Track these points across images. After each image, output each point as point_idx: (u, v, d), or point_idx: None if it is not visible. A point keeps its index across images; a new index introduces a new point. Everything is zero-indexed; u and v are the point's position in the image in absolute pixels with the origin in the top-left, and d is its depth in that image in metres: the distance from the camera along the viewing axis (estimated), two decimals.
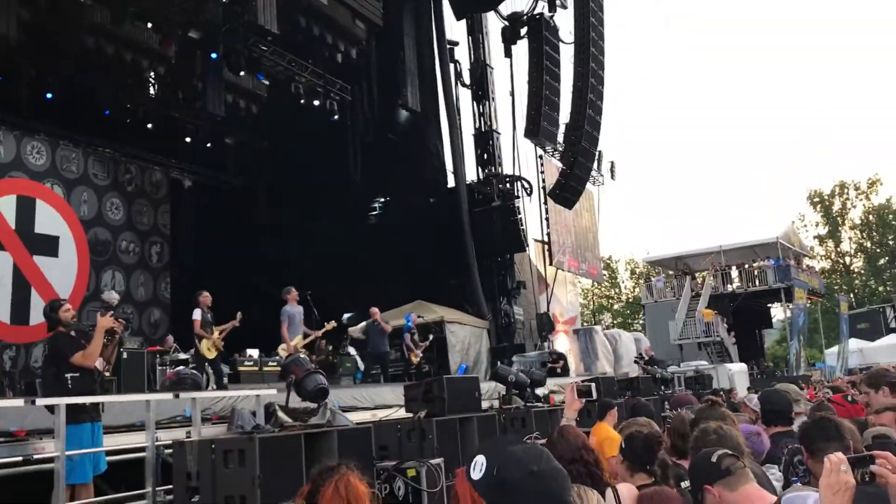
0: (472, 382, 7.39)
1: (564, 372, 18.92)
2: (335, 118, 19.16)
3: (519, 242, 20.98)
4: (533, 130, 19.96)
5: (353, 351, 15.91)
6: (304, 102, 18.15)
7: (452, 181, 20.70)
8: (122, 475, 6.76)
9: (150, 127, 18.69)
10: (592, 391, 4.63)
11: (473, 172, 21.50)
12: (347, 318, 16.72)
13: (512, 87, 21.64)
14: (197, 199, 21.15)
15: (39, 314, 10.03)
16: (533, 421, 7.35)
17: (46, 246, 15.95)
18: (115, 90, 17.48)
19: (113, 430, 6.92)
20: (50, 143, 16.74)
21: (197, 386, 9.50)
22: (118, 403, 7.33)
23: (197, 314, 11.30)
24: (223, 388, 10.90)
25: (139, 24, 15.57)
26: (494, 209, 20.66)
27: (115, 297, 11.62)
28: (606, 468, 3.49)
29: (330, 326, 13.31)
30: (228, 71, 16.58)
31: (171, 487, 5.19)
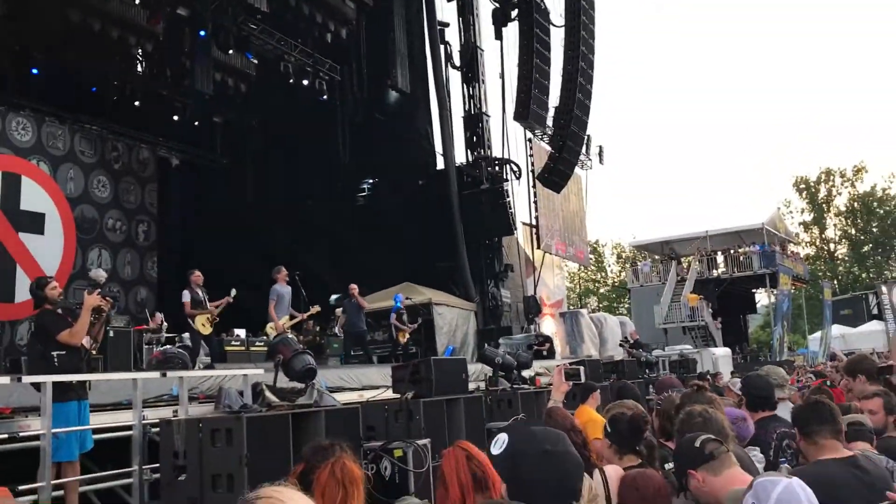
0: (459, 364, 7.42)
1: (550, 354, 19.02)
2: (324, 98, 19.04)
3: (507, 225, 20.99)
4: (522, 113, 19.92)
5: (340, 332, 15.88)
6: (292, 82, 18.02)
7: (441, 163, 20.67)
8: (108, 453, 6.76)
9: (137, 104, 18.55)
10: (581, 374, 4.65)
11: (462, 155, 21.47)
12: (335, 299, 16.70)
13: (502, 69, 21.59)
14: (184, 177, 21.02)
15: (25, 292, 9.98)
16: (519, 402, 7.40)
17: (32, 223, 15.82)
18: (101, 67, 17.30)
19: (99, 408, 6.91)
20: (35, 119, 16.56)
21: (184, 365, 9.50)
22: (105, 382, 7.31)
23: (185, 296, 11.26)
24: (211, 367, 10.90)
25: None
26: (483, 192, 20.64)
27: (102, 274, 11.55)
28: (593, 450, 3.52)
29: (314, 310, 13.27)
30: (217, 49, 16.45)
31: (157, 466, 5.20)
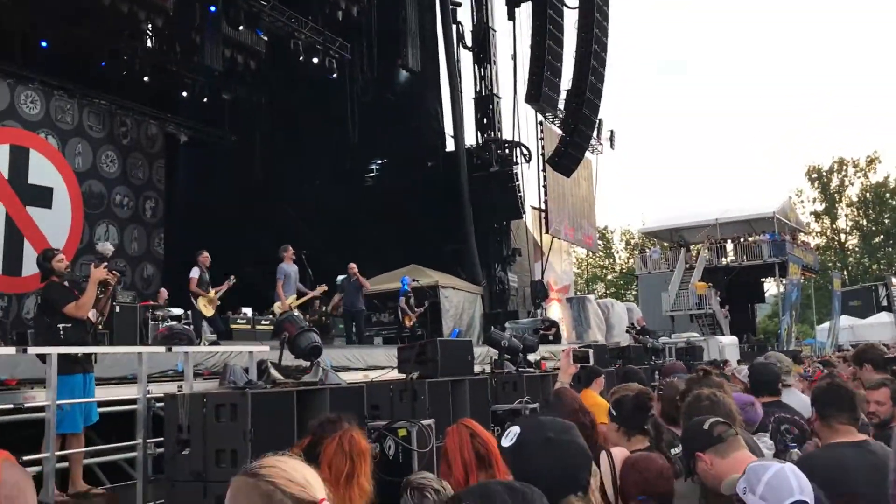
0: (465, 346, 7.42)
1: (556, 339, 19.00)
2: (334, 77, 18.93)
3: (516, 209, 20.95)
4: (534, 96, 19.79)
5: (331, 312, 15.83)
6: (302, 60, 17.91)
7: (451, 145, 20.60)
8: (112, 427, 6.78)
9: (146, 80, 18.48)
10: (590, 357, 4.60)
11: (472, 137, 21.37)
12: (341, 279, 16.70)
13: (514, 51, 21.46)
14: (192, 154, 21.00)
15: (32, 265, 10.01)
16: (524, 385, 7.38)
17: (40, 197, 15.82)
18: (111, 41, 17.22)
19: (104, 381, 6.92)
20: (44, 92, 16.53)
21: (189, 341, 9.49)
22: (110, 356, 7.31)
23: (194, 273, 11.31)
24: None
25: None
26: (492, 175, 20.57)
27: (109, 248, 11.57)
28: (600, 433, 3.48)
29: (321, 290, 13.26)
30: (227, 25, 16.35)
31: (161, 440, 5.20)
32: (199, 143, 20.99)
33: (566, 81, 20.43)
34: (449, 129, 20.56)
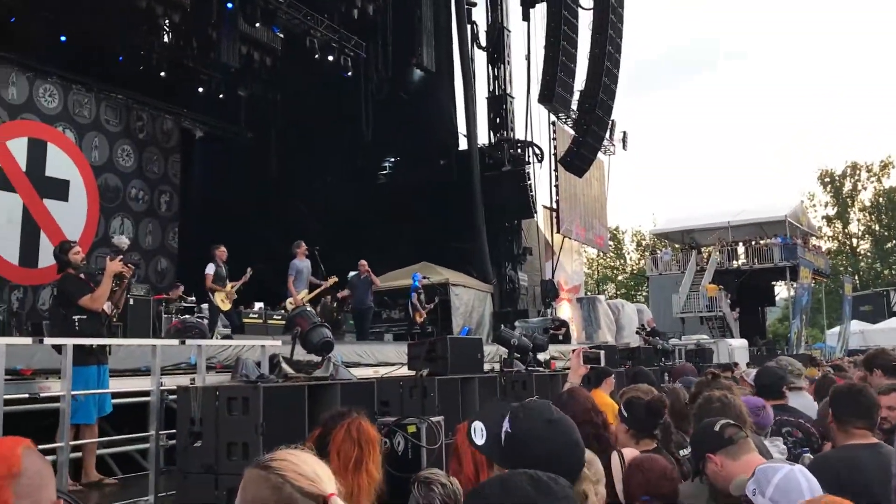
0: (475, 344, 7.44)
1: (566, 339, 18.99)
2: (348, 75, 18.98)
3: (527, 208, 20.93)
4: (547, 96, 19.79)
5: (331, 303, 15.88)
6: (318, 57, 17.97)
7: (464, 144, 20.61)
8: (126, 418, 6.86)
9: (163, 75, 18.60)
10: (601, 358, 4.56)
11: (485, 136, 21.38)
12: (352, 275, 16.75)
13: (528, 51, 21.44)
14: (208, 149, 21.12)
15: (48, 257, 10.09)
16: (534, 384, 7.41)
17: (57, 189, 15.97)
18: (129, 36, 17.34)
19: (118, 373, 6.99)
20: (62, 86, 16.68)
21: (202, 335, 9.58)
22: (124, 348, 7.39)
23: (210, 269, 11.38)
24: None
25: None
26: (504, 174, 20.56)
27: (125, 242, 11.62)
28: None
29: (332, 281, 13.30)
30: (244, 22, 16.42)
31: (173, 432, 5.25)
32: (214, 138, 21.10)
33: (579, 82, 20.45)
34: (462, 128, 20.59)
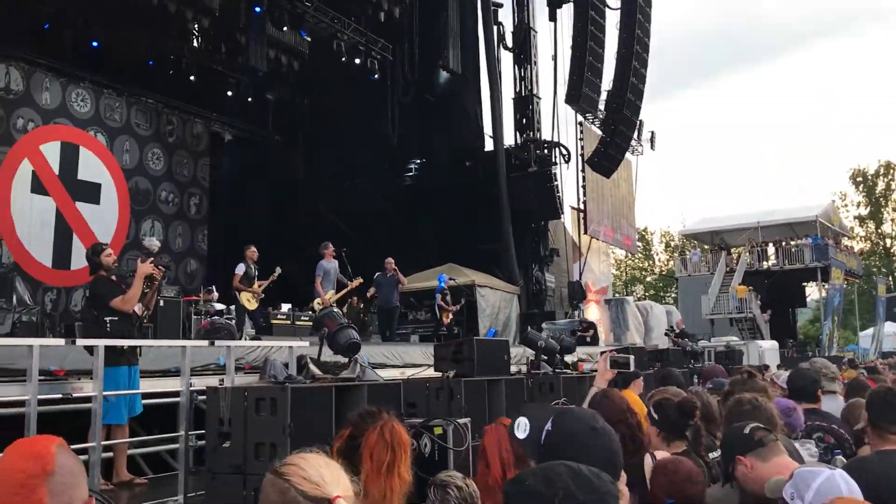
0: (501, 345, 7.43)
1: (594, 341, 18.88)
2: (375, 77, 19.06)
3: (554, 209, 20.86)
4: (574, 96, 19.71)
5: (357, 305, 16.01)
6: (344, 60, 18.07)
7: (490, 145, 20.58)
8: (156, 419, 6.93)
9: (192, 79, 18.79)
10: (630, 363, 4.33)
11: (511, 137, 21.35)
12: (378, 275, 16.79)
13: (555, 51, 21.38)
14: (236, 152, 21.29)
15: (81, 259, 10.23)
16: (561, 387, 7.36)
17: (89, 193, 16.20)
18: (158, 41, 17.56)
19: (148, 374, 7.07)
20: (94, 91, 16.92)
21: (231, 336, 9.65)
22: (154, 349, 7.47)
23: (240, 269, 11.50)
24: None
25: None
26: (531, 175, 20.50)
27: (155, 244, 11.76)
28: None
29: (357, 282, 13.35)
30: (272, 26, 16.56)
31: (202, 432, 5.30)
32: (242, 141, 21.29)
33: (607, 82, 20.35)
34: (488, 129, 20.58)
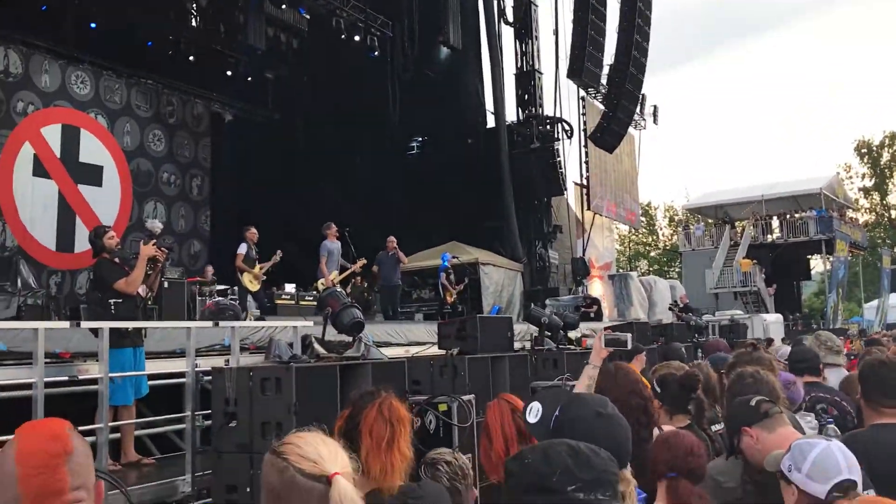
0: (505, 322, 7.44)
1: (598, 317, 18.93)
2: (375, 54, 18.94)
3: (557, 185, 20.80)
4: (576, 71, 19.56)
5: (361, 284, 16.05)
6: (344, 38, 17.94)
7: (492, 122, 20.48)
8: (162, 400, 6.96)
9: (191, 59, 18.70)
10: (628, 341, 4.18)
11: (513, 113, 21.22)
12: (381, 253, 16.80)
13: (556, 25, 21.18)
14: (237, 132, 21.23)
15: (84, 241, 10.27)
16: (565, 363, 7.37)
17: (91, 175, 16.19)
18: (157, 22, 17.47)
19: (153, 356, 7.09)
20: (94, 73, 16.85)
21: (236, 316, 9.68)
22: (159, 330, 7.49)
23: (242, 248, 11.50)
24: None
25: None
26: (533, 151, 20.41)
27: (158, 226, 11.79)
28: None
29: (361, 263, 13.37)
30: (270, 4, 16.45)
31: (209, 412, 5.33)
32: (243, 121, 21.21)
33: (609, 56, 20.18)
34: (490, 105, 20.47)
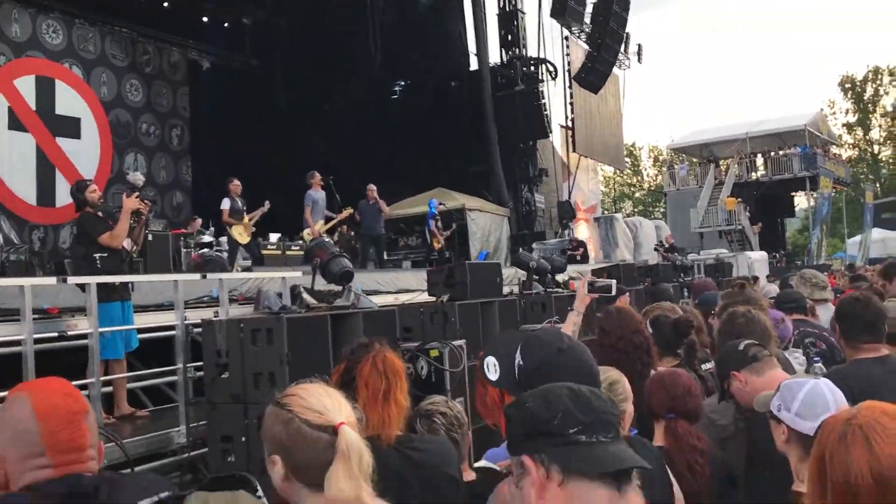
0: (493, 268, 7.45)
1: (584, 259, 19.01)
2: None
3: (542, 128, 20.62)
4: (559, 10, 19.24)
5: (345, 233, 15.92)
6: None
7: (475, 64, 20.19)
8: (152, 353, 6.97)
9: (165, 6, 18.25)
10: (612, 287, 3.98)
11: (497, 55, 20.90)
12: (361, 203, 16.70)
13: None
14: (216, 81, 20.85)
15: (65, 196, 10.15)
16: (553, 306, 7.41)
17: (68, 127, 15.91)
18: None
19: (141, 309, 7.06)
20: (65, 21, 16.42)
21: (222, 268, 9.65)
22: (146, 284, 7.45)
23: (225, 204, 11.41)
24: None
25: None
26: (517, 93, 20.17)
27: (140, 178, 11.60)
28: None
29: (347, 212, 13.29)
30: None
31: (200, 364, 5.34)
32: (221, 69, 20.80)
33: None
34: (472, 47, 20.15)
